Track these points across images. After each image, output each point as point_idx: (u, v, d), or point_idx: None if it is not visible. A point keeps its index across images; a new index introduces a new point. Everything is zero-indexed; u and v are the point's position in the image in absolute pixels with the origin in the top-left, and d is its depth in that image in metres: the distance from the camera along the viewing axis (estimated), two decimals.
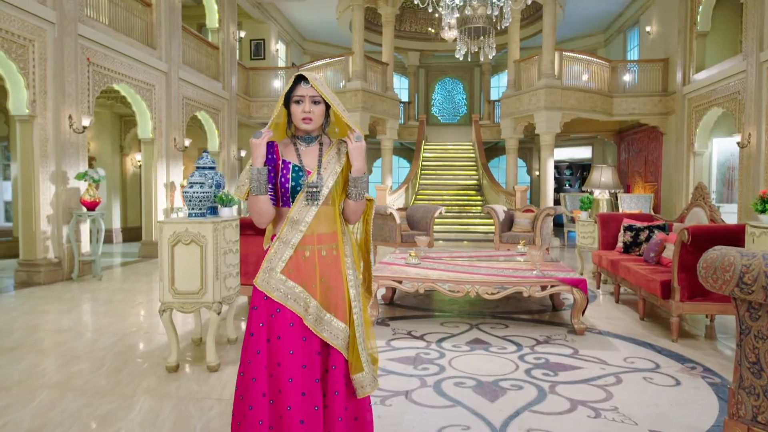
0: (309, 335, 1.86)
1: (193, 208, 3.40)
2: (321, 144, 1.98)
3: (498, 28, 7.86)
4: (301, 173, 1.90)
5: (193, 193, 3.36)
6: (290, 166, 1.90)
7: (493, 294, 4.34)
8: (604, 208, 6.77)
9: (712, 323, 4.77)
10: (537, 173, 18.10)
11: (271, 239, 1.98)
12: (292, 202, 1.90)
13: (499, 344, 4.00)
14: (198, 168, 3.64)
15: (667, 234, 5.28)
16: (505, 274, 4.50)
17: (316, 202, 1.88)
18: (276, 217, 1.97)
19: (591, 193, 7.19)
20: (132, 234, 12.15)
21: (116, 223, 12.05)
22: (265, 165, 1.86)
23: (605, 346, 3.96)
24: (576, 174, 18.55)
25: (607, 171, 6.73)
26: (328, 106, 1.94)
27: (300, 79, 1.89)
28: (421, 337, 4.17)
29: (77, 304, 5.50)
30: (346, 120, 1.90)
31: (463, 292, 4.36)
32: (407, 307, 5.24)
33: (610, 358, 3.66)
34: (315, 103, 1.89)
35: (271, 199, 1.90)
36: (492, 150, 18.14)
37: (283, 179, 1.90)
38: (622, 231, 5.94)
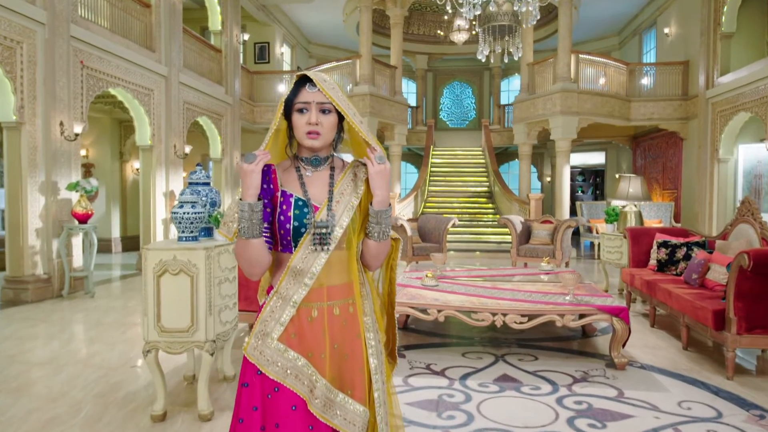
0: (317, 423, 1.40)
1: (183, 231, 2.95)
2: (332, 168, 1.53)
3: (525, 26, 7.36)
4: (306, 209, 1.45)
5: (184, 214, 2.90)
6: (292, 200, 1.45)
7: (521, 323, 3.87)
8: (632, 222, 6.29)
9: (764, 353, 4.28)
10: (548, 179, 17.61)
11: (267, 292, 1.52)
12: (295, 246, 1.45)
13: (531, 382, 3.53)
14: (190, 184, 3.19)
15: (709, 252, 4.79)
16: (534, 300, 4.03)
17: (326, 248, 1.43)
18: (273, 263, 1.52)
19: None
20: (132, 243, 11.74)
21: (116, 232, 11.65)
22: (259, 199, 1.40)
23: (653, 386, 3.48)
24: (589, 180, 18.04)
25: (636, 181, 6.25)
26: (341, 117, 1.49)
27: (304, 80, 1.44)
28: (442, 373, 3.71)
29: (63, 327, 5.06)
30: (364, 135, 1.45)
31: (488, 321, 3.90)
32: (423, 333, 4.77)
33: (662, 403, 3.17)
34: (324, 112, 1.44)
35: (267, 242, 1.45)
36: (502, 155, 17.66)
37: (282, 217, 1.45)
38: (655, 247, 5.46)
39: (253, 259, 1.41)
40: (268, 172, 1.47)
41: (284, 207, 1.45)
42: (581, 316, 3.89)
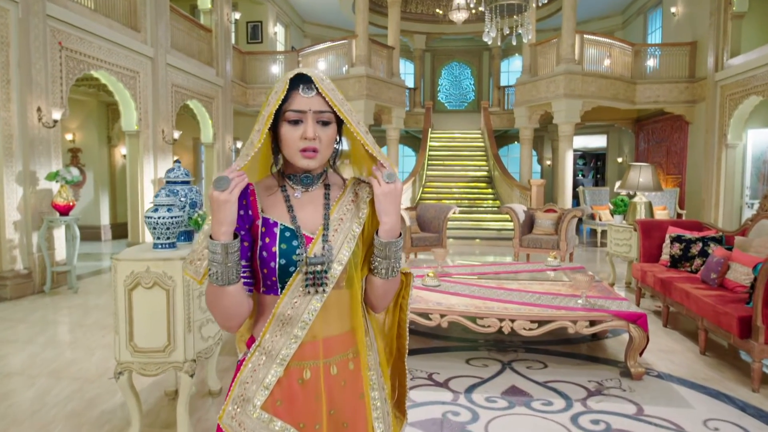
0: None
1: (159, 238, 2.63)
2: (327, 187, 1.22)
3: (535, 4, 6.95)
4: (295, 241, 1.14)
5: (159, 218, 2.58)
6: (277, 231, 1.14)
7: (531, 330, 3.59)
8: (642, 213, 5.99)
9: None
10: (549, 163, 17.28)
11: (247, 345, 1.22)
12: (282, 287, 1.14)
13: (541, 395, 3.26)
14: (167, 183, 2.87)
15: (727, 249, 4.50)
16: (544, 304, 3.74)
17: (322, 290, 1.13)
18: (255, 308, 1.21)
19: (629, 195, 6.39)
20: (122, 230, 11.38)
21: (105, 220, 11.30)
22: (235, 236, 1.09)
23: (674, 400, 3.22)
24: (589, 164, 17.72)
25: (647, 171, 5.93)
26: (339, 125, 1.18)
27: (298, 81, 1.11)
28: (446, 384, 3.43)
29: (42, 329, 4.75)
30: (370, 148, 1.14)
31: (495, 327, 3.61)
32: (423, 335, 4.48)
33: (686, 422, 2.91)
34: (324, 124, 1.13)
35: (246, 284, 1.14)
36: (501, 138, 17.27)
37: (265, 253, 1.14)
38: (668, 242, 5.18)
39: (230, 311, 1.12)
40: (245, 194, 1.16)
41: (267, 240, 1.14)
42: (594, 322, 3.61)
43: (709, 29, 10.21)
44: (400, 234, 1.17)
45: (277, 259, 1.12)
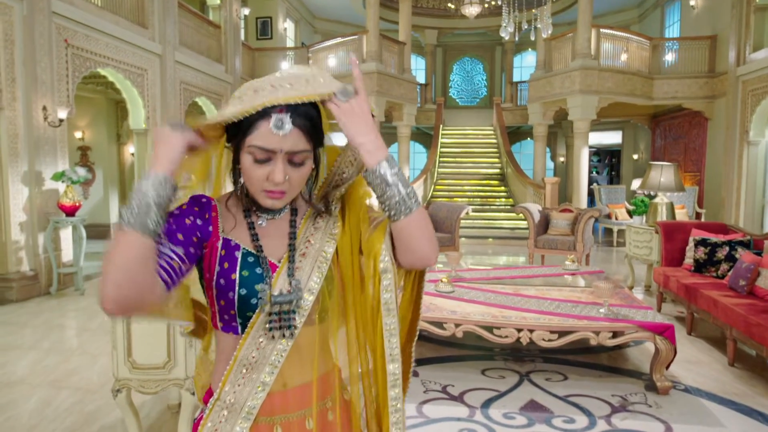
0: None
1: None
2: (293, 212, 1.03)
3: None
4: (258, 268, 0.96)
5: None
6: (238, 255, 0.97)
7: (551, 341, 3.42)
8: (663, 215, 5.77)
9: None
10: (562, 159, 17.00)
11: (204, 400, 1.03)
12: (243, 327, 0.97)
13: (563, 412, 3.09)
14: None
15: (756, 253, 4.29)
16: (565, 313, 3.56)
17: (289, 331, 0.95)
18: (209, 346, 1.05)
19: (649, 195, 6.17)
20: None
21: (114, 218, 11.23)
22: (172, 185, 0.87)
23: (704, 418, 3.03)
24: (604, 161, 17.42)
25: (669, 170, 5.71)
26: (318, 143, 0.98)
27: (268, 111, 0.89)
28: (461, 398, 3.27)
29: (46, 333, 4.66)
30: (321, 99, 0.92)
31: (513, 338, 3.44)
32: (436, 343, 4.32)
33: None
34: (296, 165, 0.93)
35: (165, 272, 0.89)
36: (513, 134, 17.00)
37: (222, 280, 0.96)
38: (692, 245, 4.96)
39: (128, 266, 0.80)
40: (207, 208, 0.99)
41: (226, 264, 0.96)
42: (616, 333, 3.43)
43: (730, 22, 9.90)
44: (389, 155, 0.93)
45: (237, 289, 0.94)
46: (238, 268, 0.95)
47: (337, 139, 1.05)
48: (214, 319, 1.00)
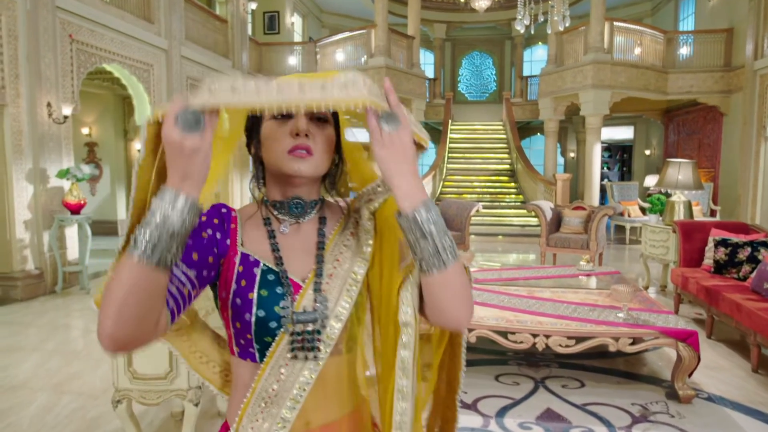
0: None
1: None
2: (322, 220, 0.93)
3: None
4: (279, 288, 0.86)
5: None
6: (257, 271, 0.86)
7: (568, 347, 3.29)
8: (680, 214, 5.61)
9: None
10: (572, 155, 16.78)
11: None
12: (261, 354, 0.86)
13: (581, 421, 2.96)
14: None
15: None
16: (582, 318, 3.43)
17: (313, 356, 0.84)
18: (233, 377, 0.93)
19: (665, 194, 6.01)
20: None
21: (121, 214, 11.18)
22: (199, 210, 0.74)
23: (729, 428, 2.89)
24: (615, 156, 17.18)
25: (686, 167, 5.53)
26: (337, 131, 0.90)
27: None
28: (475, 406, 3.15)
29: (49, 334, 4.58)
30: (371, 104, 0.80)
31: (528, 343, 3.32)
32: None
33: None
34: (320, 120, 0.86)
35: (174, 300, 0.79)
36: (523, 130, 16.76)
37: (239, 300, 0.85)
38: (711, 245, 4.81)
39: (137, 301, 0.71)
40: (227, 218, 0.89)
41: (243, 282, 0.85)
42: (635, 339, 3.29)
43: (747, 15, 9.66)
44: (426, 200, 0.79)
45: (254, 310, 0.84)
46: (256, 287, 0.85)
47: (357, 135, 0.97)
48: (230, 343, 0.90)
